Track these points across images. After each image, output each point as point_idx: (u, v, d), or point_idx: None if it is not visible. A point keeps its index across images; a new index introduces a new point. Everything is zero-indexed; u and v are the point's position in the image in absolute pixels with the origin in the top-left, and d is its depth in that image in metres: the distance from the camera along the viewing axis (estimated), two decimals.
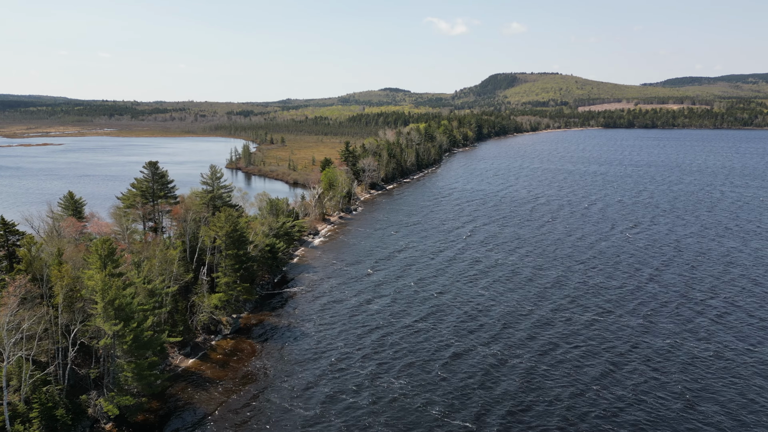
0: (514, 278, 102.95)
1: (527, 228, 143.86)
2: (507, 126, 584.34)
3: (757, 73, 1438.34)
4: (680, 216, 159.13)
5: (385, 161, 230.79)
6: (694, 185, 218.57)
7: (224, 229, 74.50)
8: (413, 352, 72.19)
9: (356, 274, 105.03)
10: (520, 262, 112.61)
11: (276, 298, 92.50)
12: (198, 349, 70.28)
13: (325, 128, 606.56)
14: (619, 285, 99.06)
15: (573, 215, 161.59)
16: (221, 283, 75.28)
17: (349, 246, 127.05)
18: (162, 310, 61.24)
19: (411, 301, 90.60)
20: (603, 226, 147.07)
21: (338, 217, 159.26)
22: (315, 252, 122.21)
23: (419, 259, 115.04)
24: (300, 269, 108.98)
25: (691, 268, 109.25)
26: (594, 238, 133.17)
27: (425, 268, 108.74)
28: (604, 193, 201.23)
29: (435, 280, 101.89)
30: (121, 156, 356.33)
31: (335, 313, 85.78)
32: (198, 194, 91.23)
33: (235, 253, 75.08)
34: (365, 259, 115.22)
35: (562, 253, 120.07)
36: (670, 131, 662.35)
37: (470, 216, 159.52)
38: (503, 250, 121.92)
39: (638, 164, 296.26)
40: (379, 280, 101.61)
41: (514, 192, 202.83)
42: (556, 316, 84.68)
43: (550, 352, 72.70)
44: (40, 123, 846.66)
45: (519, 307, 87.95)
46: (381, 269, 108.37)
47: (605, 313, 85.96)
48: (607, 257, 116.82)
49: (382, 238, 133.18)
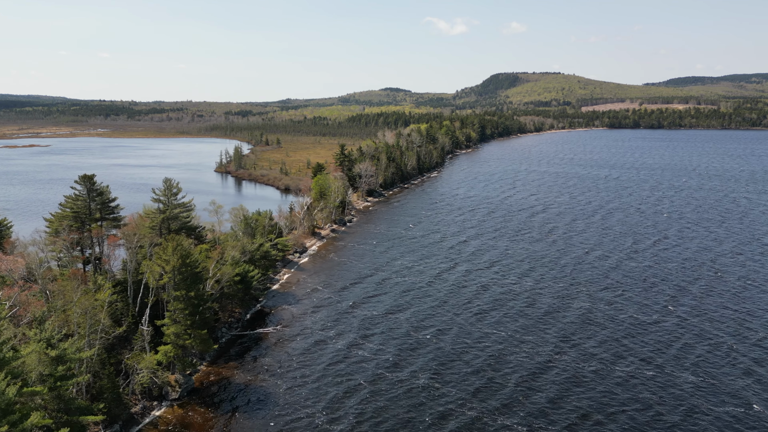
0: (527, 312, 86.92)
1: (540, 244, 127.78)
2: (510, 126, 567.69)
3: (760, 73, 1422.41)
4: (710, 228, 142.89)
5: (383, 165, 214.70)
6: (718, 191, 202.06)
7: (171, 263, 58.69)
8: (404, 423, 56.26)
9: (344, 306, 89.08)
10: (533, 290, 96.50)
11: (246, 341, 76.58)
12: (131, 425, 54.32)
13: (324, 129, 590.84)
14: (657, 320, 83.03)
15: (590, 227, 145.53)
16: (169, 333, 59.40)
17: (339, 267, 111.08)
18: (71, 382, 45.42)
19: (404, 346, 74.64)
20: (625, 241, 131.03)
21: (330, 230, 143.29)
22: (300, 275, 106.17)
23: (416, 285, 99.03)
24: (280, 299, 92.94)
25: (737, 297, 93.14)
26: (617, 257, 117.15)
27: (423, 298, 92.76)
28: (621, 201, 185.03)
29: (434, 314, 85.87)
30: (105, 158, 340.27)
31: (315, 362, 69.88)
32: (149, 213, 75.10)
33: (185, 295, 59.22)
34: (355, 286, 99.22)
35: (582, 277, 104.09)
36: (677, 132, 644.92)
37: (475, 228, 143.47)
38: (513, 274, 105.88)
39: (652, 167, 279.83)
40: (369, 315, 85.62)
41: (523, 200, 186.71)
42: (583, 369, 68.63)
43: (579, 427, 56.72)
44: (34, 123, 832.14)
45: (536, 355, 71.95)
46: (372, 299, 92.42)
47: (645, 363, 69.91)
48: (635, 282, 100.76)
49: (376, 257, 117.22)
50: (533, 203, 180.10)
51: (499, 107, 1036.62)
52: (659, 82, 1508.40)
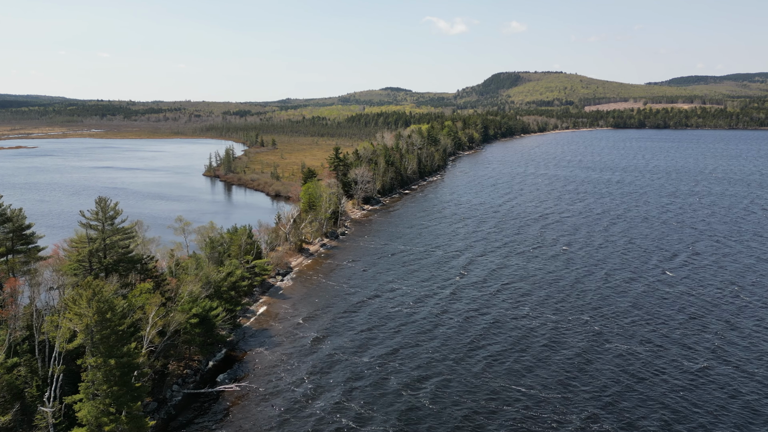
0: (526, 349, 72.11)
1: (554, 263, 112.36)
2: (514, 127, 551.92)
3: (764, 72, 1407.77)
4: (746, 243, 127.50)
5: (382, 170, 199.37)
6: (743, 198, 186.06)
7: (85, 319, 43.80)
8: None
9: (328, 349, 74.04)
10: (553, 327, 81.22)
11: (204, 401, 61.50)
12: None
13: (322, 129, 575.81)
14: (674, 364, 67.82)
15: (592, 240, 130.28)
16: (83, 415, 44.38)
17: (326, 294, 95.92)
18: None
19: (396, 413, 59.65)
20: (632, 257, 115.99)
21: (320, 245, 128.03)
22: (281, 305, 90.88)
23: (414, 319, 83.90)
24: (253, 339, 77.66)
25: (765, 328, 78.07)
26: (623, 278, 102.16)
27: (422, 340, 77.66)
28: (639, 210, 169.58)
29: (434, 362, 70.84)
30: (90, 161, 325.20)
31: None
32: (77, 242, 59.71)
33: (105, 362, 44.19)
34: (344, 320, 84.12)
35: (586, 303, 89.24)
36: (684, 132, 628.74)
37: (481, 243, 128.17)
38: (527, 303, 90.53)
39: (665, 171, 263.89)
40: (357, 363, 70.56)
41: (532, 208, 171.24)
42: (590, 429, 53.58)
43: None
44: (29, 123, 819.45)
45: (539, 411, 56.87)
46: (362, 339, 77.40)
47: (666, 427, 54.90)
48: (646, 312, 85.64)
49: (369, 281, 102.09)
50: (543, 212, 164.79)
51: (501, 107, 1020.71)
52: (661, 81, 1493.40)
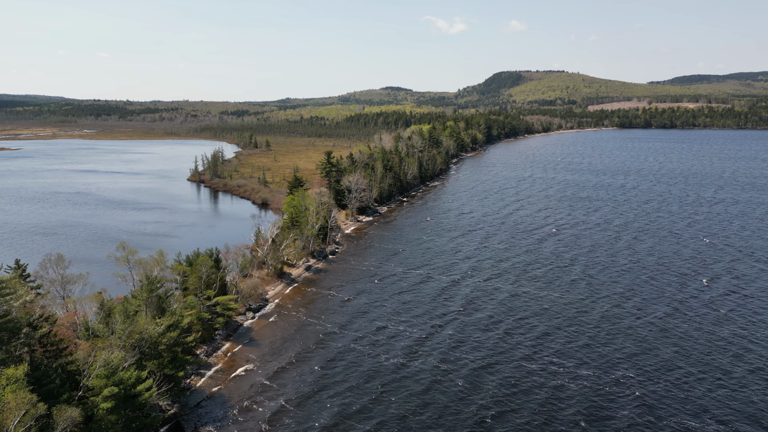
0: (550, 421, 54.52)
1: (555, 289, 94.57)
2: (518, 127, 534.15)
3: (767, 71, 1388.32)
4: (762, 260, 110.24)
5: (379, 176, 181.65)
6: (764, 206, 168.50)
7: None
8: None
9: (290, 427, 56.45)
10: (553, 379, 63.54)
11: None
12: None
13: (320, 129, 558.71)
14: None
15: (616, 261, 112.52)
16: None
17: (302, 336, 78.23)
18: None
19: None
20: (665, 283, 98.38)
21: (305, 267, 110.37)
22: (247, 354, 73.05)
23: (399, 376, 66.25)
24: (204, 413, 59.75)
25: None
26: (660, 313, 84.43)
27: (404, 405, 60.10)
28: (648, 220, 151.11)
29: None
30: (72, 163, 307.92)
31: None
32: None
33: None
34: (315, 378, 66.47)
35: (618, 348, 71.48)
36: (692, 132, 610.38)
37: (489, 263, 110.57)
38: (525, 344, 73.01)
39: (675, 174, 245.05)
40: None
41: (540, 220, 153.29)
42: None
43: None
44: (22, 124, 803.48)
45: None
46: (334, 404, 59.84)
47: None
48: (696, 360, 67.94)
49: (354, 316, 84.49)
50: (555, 224, 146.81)
51: (503, 106, 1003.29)
52: (664, 80, 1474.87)
